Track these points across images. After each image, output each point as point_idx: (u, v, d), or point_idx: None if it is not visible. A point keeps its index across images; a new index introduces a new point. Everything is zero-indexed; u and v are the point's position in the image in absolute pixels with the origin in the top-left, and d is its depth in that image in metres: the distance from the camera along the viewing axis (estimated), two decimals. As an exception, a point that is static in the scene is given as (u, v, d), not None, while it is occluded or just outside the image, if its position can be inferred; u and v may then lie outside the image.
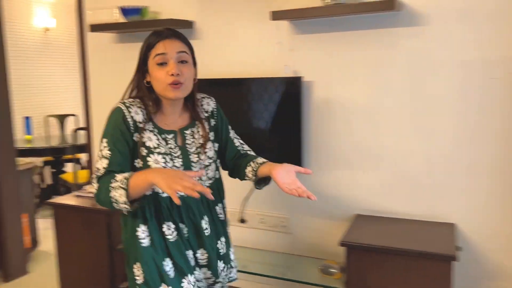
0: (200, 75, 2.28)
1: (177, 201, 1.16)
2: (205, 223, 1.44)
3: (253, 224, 2.34)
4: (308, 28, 2.08)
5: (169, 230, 1.39)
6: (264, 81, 2.12)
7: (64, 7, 6.10)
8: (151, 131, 1.38)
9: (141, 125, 1.36)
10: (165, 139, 1.40)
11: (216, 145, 1.53)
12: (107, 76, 2.62)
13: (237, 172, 1.57)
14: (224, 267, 1.52)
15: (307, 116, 2.12)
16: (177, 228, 1.40)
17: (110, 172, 1.31)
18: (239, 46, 2.24)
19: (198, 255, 1.44)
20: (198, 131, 1.47)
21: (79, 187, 4.27)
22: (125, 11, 2.29)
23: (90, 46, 2.66)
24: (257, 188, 1.55)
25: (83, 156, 5.41)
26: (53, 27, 5.94)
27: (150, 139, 1.37)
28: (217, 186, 1.52)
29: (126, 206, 1.26)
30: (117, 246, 2.30)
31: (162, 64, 1.35)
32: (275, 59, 2.16)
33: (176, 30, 1.40)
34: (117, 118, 1.36)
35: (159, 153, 1.37)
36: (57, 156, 4.94)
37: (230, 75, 2.25)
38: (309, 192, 1.34)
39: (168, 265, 1.39)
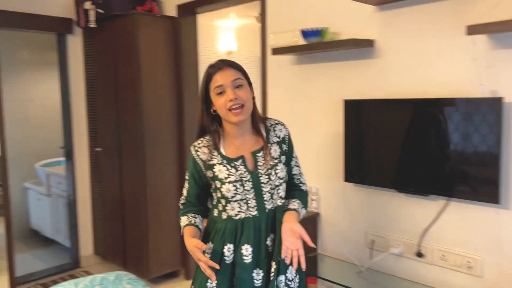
0: (381, 95, 2.20)
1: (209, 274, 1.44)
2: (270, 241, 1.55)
3: (432, 260, 2.11)
4: (510, 42, 1.79)
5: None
6: (455, 102, 1.90)
7: (245, 31, 6.69)
8: (219, 163, 1.52)
9: (209, 163, 1.53)
10: (234, 167, 1.52)
11: (285, 168, 1.60)
12: (284, 96, 2.73)
13: None
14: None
15: (508, 145, 1.82)
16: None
17: (188, 201, 1.61)
18: (425, 64, 2.07)
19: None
20: (270, 153, 1.56)
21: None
22: (305, 33, 2.35)
23: (270, 67, 2.80)
24: None
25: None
26: (235, 50, 6.57)
27: (221, 171, 1.52)
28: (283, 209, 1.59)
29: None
30: (286, 263, 2.34)
31: (221, 93, 1.49)
32: (468, 77, 1.92)
33: (228, 60, 1.55)
34: (190, 160, 1.57)
35: (229, 182, 1.50)
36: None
37: (415, 95, 2.09)
38: (302, 261, 1.45)
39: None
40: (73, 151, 3.77)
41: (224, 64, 1.54)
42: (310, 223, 2.54)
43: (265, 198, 1.53)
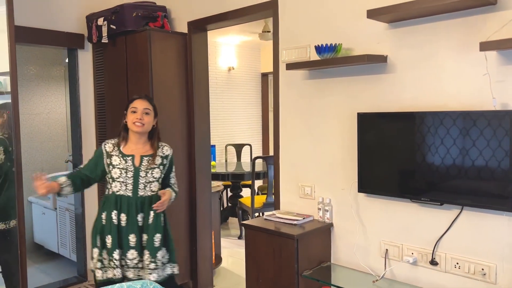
0: (394, 108, 2.29)
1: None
2: (140, 217, 2.38)
3: (446, 268, 2.17)
4: (522, 57, 1.90)
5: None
6: (467, 115, 1.99)
7: (245, 48, 6.83)
8: (116, 155, 2.39)
9: (110, 153, 2.39)
10: (125, 160, 2.37)
11: (161, 174, 2.45)
12: (296, 109, 2.81)
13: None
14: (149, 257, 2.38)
15: (519, 154, 1.91)
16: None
17: (78, 170, 2.47)
18: (437, 78, 2.16)
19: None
20: (153, 160, 2.41)
21: (255, 211, 4.61)
22: (319, 49, 2.44)
23: (282, 81, 2.88)
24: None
25: (259, 183, 5.84)
26: (235, 66, 6.69)
27: (115, 160, 2.37)
28: (156, 198, 2.39)
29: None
30: (303, 272, 2.39)
31: (134, 112, 2.40)
32: (479, 91, 2.02)
33: (148, 95, 2.67)
34: (97, 151, 2.48)
35: (118, 168, 2.36)
36: (235, 181, 5.43)
37: (427, 108, 2.18)
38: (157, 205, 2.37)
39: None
40: (81, 164, 3.79)
41: (144, 97, 2.48)
42: (323, 233, 2.60)
43: (139, 187, 2.37)
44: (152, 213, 2.38)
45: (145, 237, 2.38)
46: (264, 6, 2.92)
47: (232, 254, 4.58)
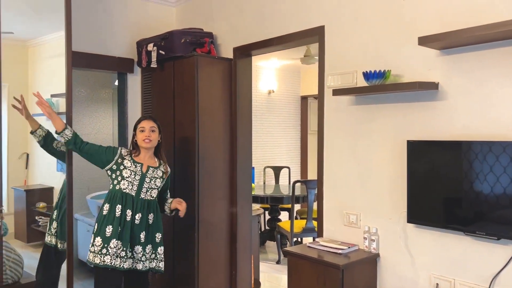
0: (446, 136, 2.22)
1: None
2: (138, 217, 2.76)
3: (504, 306, 2.04)
4: None
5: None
6: (526, 145, 1.90)
7: (286, 72, 6.90)
8: (129, 160, 2.78)
9: (124, 156, 2.80)
10: (135, 165, 2.77)
11: (161, 184, 2.86)
12: (341, 135, 2.78)
13: (161, 205, 2.98)
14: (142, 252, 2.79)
15: None
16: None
17: (88, 143, 2.88)
18: (490, 106, 2.09)
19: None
20: (158, 171, 2.84)
21: (294, 235, 4.55)
22: (367, 75, 2.43)
23: (327, 106, 2.88)
24: (170, 215, 3.05)
25: (298, 207, 5.78)
26: (275, 90, 6.75)
27: (128, 162, 2.77)
28: (154, 203, 2.83)
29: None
30: (348, 304, 2.32)
31: (142, 131, 2.81)
32: (540, 121, 1.93)
33: (152, 116, 3.11)
34: (114, 149, 2.84)
35: (129, 170, 2.75)
36: (274, 204, 5.40)
37: (480, 137, 2.11)
38: (182, 208, 2.94)
39: None
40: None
41: (149, 117, 2.90)
42: (369, 264, 2.52)
43: (142, 190, 2.76)
44: (152, 214, 2.81)
45: (145, 234, 2.79)
46: (310, 32, 2.95)
47: (271, 279, 4.52)
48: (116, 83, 4.14)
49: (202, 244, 3.38)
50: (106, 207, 2.72)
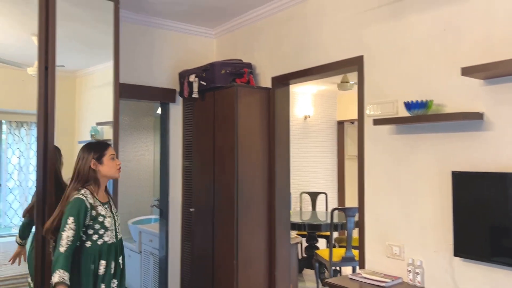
0: (493, 168, 2.17)
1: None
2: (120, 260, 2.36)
3: None
4: None
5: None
6: None
7: (322, 97, 6.92)
8: (99, 205, 2.28)
9: (94, 205, 2.24)
10: (105, 207, 2.32)
11: None
12: (382, 165, 2.75)
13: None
14: None
15: None
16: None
17: (70, 248, 2.10)
18: (541, 137, 2.03)
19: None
20: (112, 206, 2.43)
21: (333, 264, 4.47)
22: (409, 105, 2.42)
23: (367, 135, 2.87)
24: None
25: (335, 234, 5.69)
26: (311, 115, 6.77)
27: (101, 210, 2.28)
28: (121, 239, 2.40)
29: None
30: None
31: (113, 159, 2.35)
32: None
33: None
34: (78, 205, 2.17)
35: (108, 217, 2.30)
36: (311, 231, 5.35)
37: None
38: None
39: None
40: (168, 210, 3.99)
41: (109, 144, 2.44)
42: (414, 297, 2.45)
43: (117, 230, 2.36)
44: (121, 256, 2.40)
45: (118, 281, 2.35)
46: (349, 62, 2.98)
47: (309, 308, 4.43)
48: (158, 111, 4.29)
49: (241, 272, 3.39)
50: (103, 264, 2.25)
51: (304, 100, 6.72)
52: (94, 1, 3.04)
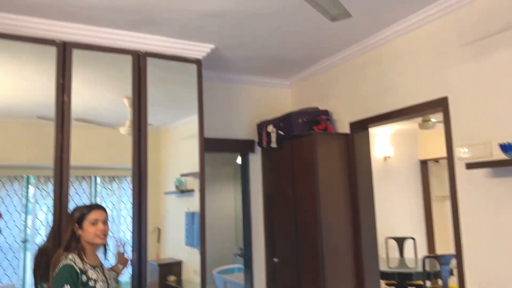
0: None
1: None
2: None
3: None
4: None
5: None
6: None
7: (401, 136, 6.69)
8: (89, 268, 2.18)
9: (83, 269, 2.15)
10: (97, 271, 2.22)
11: None
12: (479, 211, 2.55)
13: None
14: None
15: None
16: None
17: None
18: None
19: None
20: (111, 272, 2.39)
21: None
22: (505, 147, 2.25)
23: (459, 178, 2.69)
24: None
25: (429, 284, 5.28)
26: (391, 155, 6.54)
27: (92, 273, 2.18)
28: None
29: None
30: None
31: (94, 224, 2.23)
32: None
33: (100, 204, 2.33)
34: (67, 271, 2.09)
35: (100, 281, 2.19)
36: (401, 281, 5.01)
37: None
38: None
39: None
40: (251, 259, 4.00)
41: (100, 206, 2.32)
42: None
43: None
44: None
45: None
46: (432, 104, 2.88)
47: None
48: (238, 161, 4.42)
49: (330, 326, 3.25)
50: None
51: (383, 140, 6.53)
52: (179, 64, 3.28)
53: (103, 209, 2.32)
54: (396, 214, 6.34)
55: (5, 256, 2.96)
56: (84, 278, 2.13)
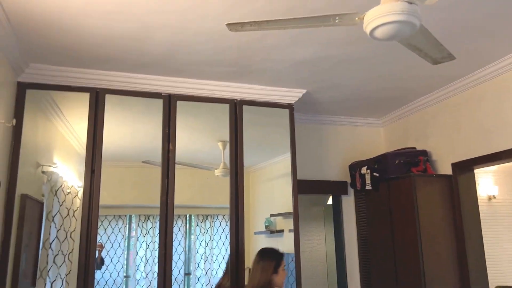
0: None
1: None
2: None
3: None
4: None
5: None
6: None
7: (506, 174, 6.10)
8: None
9: None
10: None
11: None
12: None
13: None
14: None
15: None
16: None
17: None
18: None
19: None
20: None
21: None
22: None
23: None
24: None
25: None
26: (496, 194, 5.96)
27: None
28: None
29: None
30: None
31: (284, 269, 2.38)
32: None
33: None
34: None
35: None
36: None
37: None
38: None
39: None
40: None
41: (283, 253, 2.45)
42: None
43: None
44: None
45: None
46: (551, 143, 2.61)
47: None
48: (329, 201, 4.34)
49: None
50: None
51: (485, 179, 6.01)
52: (272, 110, 3.37)
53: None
54: (507, 259, 5.71)
55: (110, 291, 3.17)
56: None
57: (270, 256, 2.42)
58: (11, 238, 2.54)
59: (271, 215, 3.72)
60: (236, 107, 3.20)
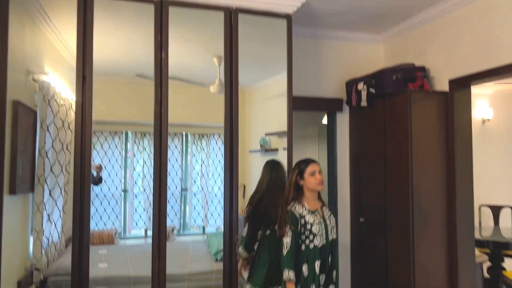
0: None
1: None
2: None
3: None
4: None
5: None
6: None
7: (502, 98, 6.09)
8: (307, 214, 2.51)
9: (302, 214, 2.51)
10: (315, 215, 2.53)
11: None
12: None
13: None
14: None
15: None
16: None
17: (291, 253, 2.44)
18: None
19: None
20: (327, 211, 2.63)
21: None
22: None
23: None
24: None
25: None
26: (490, 118, 6.00)
27: (310, 218, 2.50)
28: (336, 240, 2.62)
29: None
30: None
31: (312, 175, 2.56)
32: None
33: (314, 159, 2.66)
34: (291, 219, 2.48)
35: (316, 224, 2.50)
36: (495, 250, 4.72)
37: None
38: None
39: None
40: (336, 218, 3.99)
41: (314, 160, 2.66)
42: None
43: (329, 233, 2.56)
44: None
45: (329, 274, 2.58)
46: (552, 57, 2.55)
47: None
48: (324, 121, 4.35)
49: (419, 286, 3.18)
50: (304, 267, 2.48)
51: (480, 102, 6.00)
52: (268, 21, 3.24)
53: (317, 162, 2.70)
54: (493, 181, 5.90)
55: (109, 203, 3.27)
56: (302, 221, 2.51)
57: (294, 167, 2.66)
58: (5, 142, 2.53)
59: (266, 134, 3.75)
60: (231, 16, 3.06)
